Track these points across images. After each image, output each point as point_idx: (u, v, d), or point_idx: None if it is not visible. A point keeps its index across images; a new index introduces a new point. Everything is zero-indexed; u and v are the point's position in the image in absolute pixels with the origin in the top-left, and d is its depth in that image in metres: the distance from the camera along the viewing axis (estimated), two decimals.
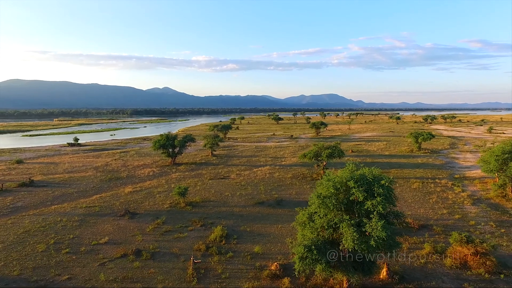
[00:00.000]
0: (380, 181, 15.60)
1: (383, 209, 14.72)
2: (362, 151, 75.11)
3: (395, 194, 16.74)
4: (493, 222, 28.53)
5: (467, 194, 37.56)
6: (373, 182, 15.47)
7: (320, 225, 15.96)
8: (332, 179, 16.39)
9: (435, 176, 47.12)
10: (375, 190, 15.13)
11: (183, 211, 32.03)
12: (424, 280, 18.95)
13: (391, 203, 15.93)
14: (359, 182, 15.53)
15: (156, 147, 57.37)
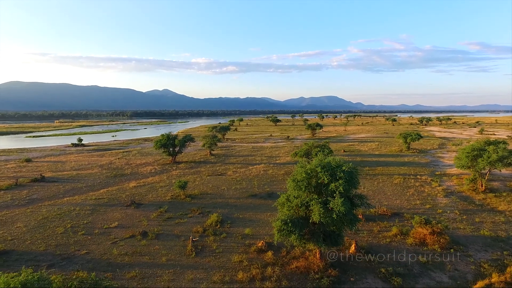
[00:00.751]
0: (342, 167, 19.27)
1: (344, 190, 18.33)
2: (353, 151, 78.79)
3: (358, 178, 20.32)
4: (458, 210, 32.20)
5: (442, 188, 41.23)
6: (336, 168, 19.16)
7: (295, 204, 19.61)
8: (304, 166, 20.11)
9: (417, 173, 50.80)
10: (337, 174, 18.78)
11: (183, 202, 35.64)
12: (386, 254, 22.57)
13: (353, 186, 19.55)
14: (325, 168, 19.19)
15: (158, 146, 61.02)
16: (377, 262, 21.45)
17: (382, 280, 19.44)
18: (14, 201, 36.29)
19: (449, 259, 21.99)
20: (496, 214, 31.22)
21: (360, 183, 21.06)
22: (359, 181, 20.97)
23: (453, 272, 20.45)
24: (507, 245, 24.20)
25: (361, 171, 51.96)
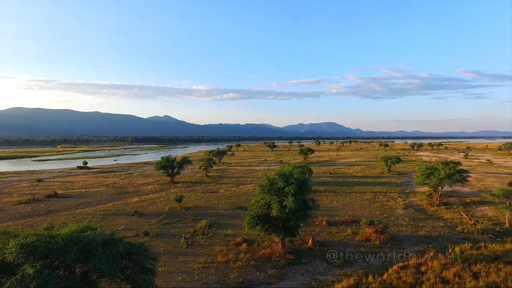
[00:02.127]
0: (294, 175, 25.99)
1: (295, 192, 24.94)
2: (339, 173, 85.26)
3: (309, 185, 26.95)
4: (408, 218, 38.51)
5: (404, 202, 47.54)
6: (289, 176, 25.88)
7: (261, 204, 26.14)
8: (267, 176, 26.83)
9: (388, 191, 57.18)
10: (290, 180, 25.47)
11: (179, 212, 41.94)
12: (333, 246, 28.81)
13: (305, 190, 26.15)
14: (281, 176, 25.91)
15: (158, 168, 67.70)
16: (327, 251, 27.66)
17: (327, 262, 25.62)
18: (35, 212, 42.61)
19: (384, 250, 28.22)
20: (439, 221, 37.55)
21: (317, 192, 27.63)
22: (311, 188, 27.60)
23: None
24: (435, 242, 30.42)
25: (339, 190, 58.49)
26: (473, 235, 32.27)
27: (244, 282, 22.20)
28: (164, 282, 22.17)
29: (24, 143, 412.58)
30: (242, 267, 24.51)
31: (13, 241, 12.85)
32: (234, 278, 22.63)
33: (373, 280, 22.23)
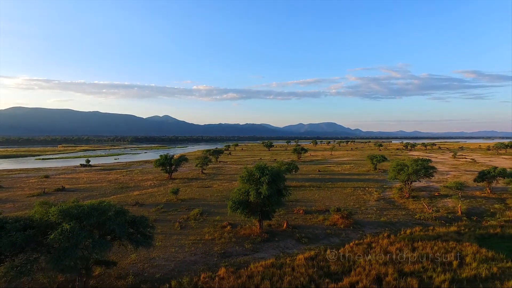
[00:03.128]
0: (268, 168, 31.28)
1: (268, 181, 30.22)
2: (327, 171, 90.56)
3: (283, 176, 32.25)
4: (376, 208, 43.86)
5: (378, 196, 52.84)
6: (264, 168, 31.17)
7: (242, 191, 31.43)
8: (246, 168, 32.13)
9: (368, 186, 62.49)
10: (265, 172, 30.77)
11: (175, 203, 47.22)
12: (304, 229, 34.11)
13: (279, 180, 31.44)
14: (258, 168, 31.22)
15: (157, 165, 72.98)
16: (298, 232, 32.95)
17: (296, 240, 30.91)
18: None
19: (346, 232, 33.53)
20: (402, 210, 42.88)
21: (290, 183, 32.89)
22: (285, 178, 32.91)
23: (345, 237, 31.92)
24: (393, 226, 35.73)
25: (323, 185, 63.79)
26: (427, 221, 37.59)
27: (225, 253, 27.50)
28: (161, 253, 27.49)
29: (25, 142, 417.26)
30: (224, 243, 29.82)
31: (54, 208, 18.18)
32: (218, 250, 27.95)
33: (329, 253, 27.51)
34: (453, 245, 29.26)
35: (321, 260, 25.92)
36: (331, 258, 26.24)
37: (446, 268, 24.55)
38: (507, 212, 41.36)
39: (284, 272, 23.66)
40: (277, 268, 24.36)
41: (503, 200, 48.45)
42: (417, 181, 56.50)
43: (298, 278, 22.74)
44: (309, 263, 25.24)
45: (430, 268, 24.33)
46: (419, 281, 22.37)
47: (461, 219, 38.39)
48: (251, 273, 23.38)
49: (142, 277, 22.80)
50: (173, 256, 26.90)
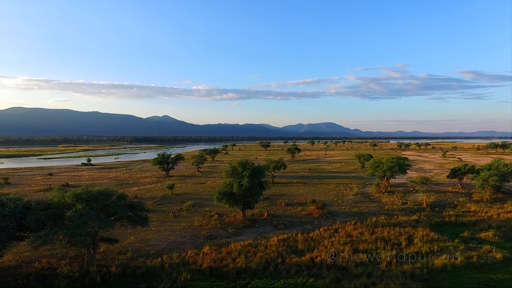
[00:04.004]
0: (249, 163, 35.93)
1: (249, 175, 34.86)
2: (317, 169, 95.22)
3: (263, 171, 36.88)
4: (352, 201, 48.52)
5: (357, 191, 57.48)
6: (246, 164, 35.81)
7: (226, 184, 36.08)
8: (231, 164, 36.78)
9: (350, 182, 67.12)
10: (247, 167, 35.41)
11: (170, 197, 51.85)
12: (282, 218, 38.78)
13: (259, 174, 36.09)
14: (240, 164, 35.87)
15: (155, 163, 77.61)
16: (276, 220, 37.60)
17: (273, 227, 35.55)
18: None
19: (319, 220, 38.20)
20: (375, 203, 47.57)
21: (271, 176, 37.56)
22: (265, 173, 37.56)
23: (317, 224, 36.57)
24: (361, 216, 40.36)
25: (310, 182, 68.44)
26: (394, 212, 42.25)
27: (211, 236, 32.17)
28: (155, 235, 32.16)
29: (25, 142, 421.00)
30: (211, 228, 34.51)
31: (69, 192, 22.86)
32: (204, 234, 32.63)
33: (301, 236, 32.16)
34: (408, 230, 33.97)
35: (291, 241, 30.61)
36: (300, 240, 30.93)
37: (395, 247, 29.24)
38: (468, 204, 46.06)
39: (258, 249, 28.34)
40: (253, 247, 29.03)
41: (470, 194, 53.12)
42: (393, 177, 61.04)
43: (269, 254, 27.42)
44: (280, 244, 29.91)
45: (381, 247, 29.04)
46: (368, 256, 27.03)
47: (425, 210, 43.04)
48: (230, 250, 28.05)
49: (139, 253, 27.46)
50: (166, 238, 31.57)
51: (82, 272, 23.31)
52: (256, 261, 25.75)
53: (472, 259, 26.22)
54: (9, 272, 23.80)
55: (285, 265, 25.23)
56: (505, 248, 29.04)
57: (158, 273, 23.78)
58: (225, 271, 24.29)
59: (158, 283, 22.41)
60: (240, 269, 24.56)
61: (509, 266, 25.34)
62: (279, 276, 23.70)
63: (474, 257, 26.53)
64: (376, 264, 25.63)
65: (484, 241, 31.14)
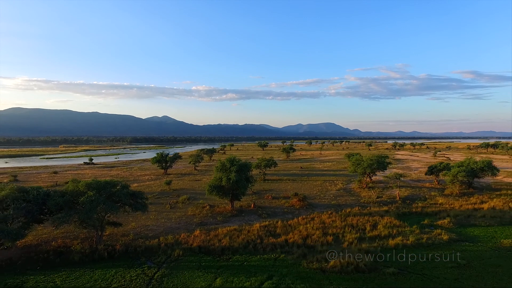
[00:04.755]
0: (236, 160, 40.66)
1: (236, 170, 39.57)
2: (309, 167, 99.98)
3: (249, 167, 41.65)
4: (333, 195, 53.26)
5: (341, 187, 62.17)
6: (233, 160, 40.54)
7: (216, 178, 40.80)
8: (220, 161, 41.55)
9: (336, 180, 71.82)
10: (234, 163, 40.14)
11: (168, 192, 56.56)
12: (267, 209, 43.52)
13: (245, 169, 40.82)
14: (229, 160, 40.59)
15: (154, 162, 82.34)
16: (261, 211, 42.32)
17: (258, 216, 40.26)
18: None
19: (299, 211, 42.92)
20: (353, 196, 52.30)
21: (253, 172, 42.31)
22: (251, 169, 42.29)
23: (297, 214, 41.24)
24: (338, 207, 45.04)
25: (299, 179, 73.18)
26: (368, 204, 46.95)
27: (202, 223, 36.90)
28: (153, 222, 36.91)
29: (25, 143, 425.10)
30: (202, 217, 39.26)
31: (82, 182, 27.62)
32: (196, 221, 37.37)
33: (280, 223, 36.85)
34: (376, 218, 38.68)
35: (271, 227, 35.33)
36: (279, 226, 35.66)
37: (359, 231, 33.95)
38: (437, 197, 50.81)
39: (241, 233, 33.05)
40: (237, 231, 33.74)
41: (443, 189, 57.83)
42: (375, 174, 65.75)
43: (250, 236, 32.14)
44: (261, 229, 34.61)
45: (348, 231, 33.76)
46: (335, 237, 31.80)
47: (397, 202, 47.74)
48: (217, 234, 32.76)
49: (139, 236, 32.18)
50: (162, 224, 36.33)
51: (92, 249, 27.97)
52: (238, 242, 30.48)
53: (422, 240, 30.95)
54: (31, 249, 28.53)
55: (262, 245, 29.91)
56: (454, 232, 33.75)
57: (156, 251, 28.49)
58: (211, 249, 29.00)
59: (155, 257, 27.12)
60: (224, 247, 29.27)
61: (451, 245, 30.06)
62: (256, 253, 28.40)
63: (424, 239, 31.27)
64: (340, 243, 30.36)
65: (440, 227, 35.83)
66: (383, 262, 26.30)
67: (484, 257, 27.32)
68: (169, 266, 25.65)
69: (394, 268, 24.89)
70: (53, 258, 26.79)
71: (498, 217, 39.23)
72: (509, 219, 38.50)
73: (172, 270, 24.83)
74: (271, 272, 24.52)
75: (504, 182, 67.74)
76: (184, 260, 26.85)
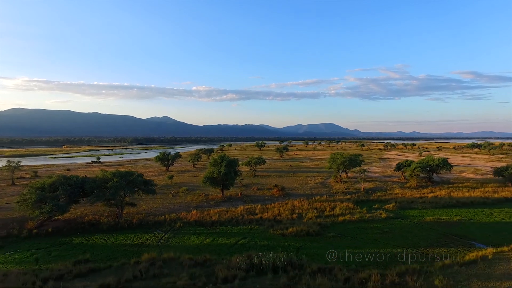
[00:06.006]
0: (226, 156, 50.51)
1: (225, 165, 49.44)
2: (298, 166, 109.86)
3: (236, 162, 51.55)
4: (310, 187, 63.10)
5: (319, 181, 71.99)
6: (223, 157, 50.39)
7: (210, 171, 50.71)
8: (213, 157, 51.46)
9: (319, 175, 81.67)
10: (224, 159, 50.02)
11: (170, 185, 66.44)
12: (251, 197, 53.41)
13: (233, 164, 50.75)
14: (219, 157, 50.55)
15: (157, 160, 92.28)
16: (246, 198, 52.19)
17: (243, 202, 50.12)
18: None
19: (277, 198, 52.80)
20: (327, 188, 62.13)
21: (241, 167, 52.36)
22: (238, 164, 52.25)
23: (275, 200, 51.04)
24: (310, 196, 54.75)
25: (285, 175, 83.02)
26: (336, 194, 56.71)
27: (198, 206, 46.81)
28: (160, 205, 46.83)
29: (28, 143, 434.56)
30: (199, 202, 49.22)
31: (109, 172, 37.45)
32: (193, 205, 47.31)
33: (260, 206, 46.65)
34: (337, 203, 48.46)
35: (252, 209, 45.16)
36: (258, 208, 45.50)
37: (320, 212, 43.76)
38: (396, 189, 60.58)
39: (228, 212, 42.93)
40: (225, 211, 43.62)
41: (405, 183, 67.62)
42: (347, 171, 75.53)
43: (234, 214, 41.99)
44: (244, 210, 44.45)
45: (310, 212, 43.56)
46: (299, 216, 41.66)
47: (360, 192, 57.57)
48: (209, 213, 42.64)
49: (149, 214, 42.06)
50: (167, 207, 46.27)
51: (115, 222, 37.82)
52: (225, 218, 40.36)
53: (365, 217, 40.79)
54: (71, 222, 38.42)
55: (243, 220, 39.78)
56: (393, 213, 43.58)
57: (162, 223, 38.35)
58: (204, 222, 38.88)
59: (162, 228, 36.98)
60: (214, 221, 39.13)
61: (386, 221, 39.84)
62: (238, 225, 38.24)
63: (366, 216, 41.12)
64: (302, 219, 40.16)
65: (385, 209, 45.52)
66: (328, 230, 36.14)
67: (404, 228, 37.16)
68: (173, 232, 35.52)
69: (334, 233, 34.76)
70: (88, 227, 36.66)
71: (435, 202, 49.09)
72: (442, 203, 48.38)
73: (175, 235, 34.70)
74: (246, 236, 34.37)
75: (465, 177, 77.52)
76: (183, 229, 36.71)
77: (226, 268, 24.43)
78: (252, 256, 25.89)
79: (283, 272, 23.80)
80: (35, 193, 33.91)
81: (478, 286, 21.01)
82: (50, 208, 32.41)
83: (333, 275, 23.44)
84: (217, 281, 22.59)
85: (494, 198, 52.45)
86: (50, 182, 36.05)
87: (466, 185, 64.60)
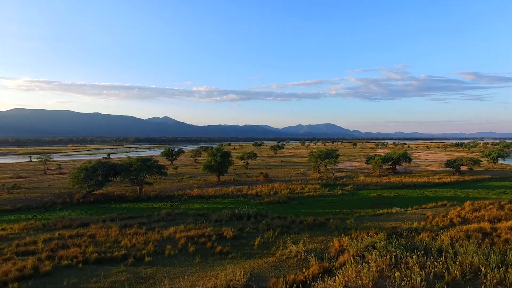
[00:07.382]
0: (220, 149, 63.93)
1: (220, 156, 62.85)
2: (288, 161, 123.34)
3: (230, 154, 65.01)
4: (291, 176, 76.44)
5: (301, 172, 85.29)
6: (218, 150, 63.88)
7: (208, 160, 64.18)
8: (211, 149, 64.89)
9: (302, 168, 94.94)
10: (219, 151, 63.48)
11: (175, 174, 79.84)
12: (243, 182, 66.86)
13: (227, 155, 64.25)
14: (216, 149, 64.00)
15: (163, 155, 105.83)
16: (237, 182, 65.61)
17: (234, 185, 63.52)
18: None
19: (262, 183, 66.15)
20: (305, 176, 75.43)
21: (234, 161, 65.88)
22: (231, 155, 65.74)
23: (260, 184, 64.34)
24: (288, 181, 68.00)
25: (273, 167, 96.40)
26: (310, 180, 69.94)
27: (199, 187, 60.29)
28: (169, 186, 60.34)
29: (34, 143, 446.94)
30: (199, 184, 62.77)
31: (134, 157, 51.01)
32: (195, 186, 60.85)
33: (247, 187, 59.95)
34: (308, 186, 61.70)
35: (240, 189, 58.50)
36: (245, 188, 58.85)
37: (292, 190, 57.05)
38: (360, 177, 73.80)
39: (222, 190, 56.33)
40: (219, 190, 57.03)
41: (371, 173, 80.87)
42: (325, 164, 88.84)
43: (226, 191, 55.41)
44: (234, 190, 57.81)
45: (285, 190, 56.83)
46: (275, 192, 55.00)
47: (330, 179, 70.82)
48: (207, 191, 56.10)
49: (162, 191, 55.54)
50: (175, 187, 59.79)
51: (137, 196, 51.22)
52: (219, 194, 53.85)
53: (324, 194, 54.18)
54: (104, 195, 51.90)
55: (233, 195, 53.24)
56: (348, 192, 56.89)
57: (172, 197, 51.80)
58: (203, 196, 52.39)
59: (172, 199, 50.40)
60: (211, 195, 52.63)
61: (340, 196, 53.14)
62: (228, 198, 51.67)
63: (325, 193, 54.50)
64: (277, 195, 53.51)
65: (343, 190, 58.70)
66: (294, 200, 49.55)
67: (350, 200, 50.43)
68: (181, 202, 49.00)
69: (297, 202, 48.18)
70: (118, 199, 50.13)
71: (386, 185, 62.38)
72: (390, 186, 61.79)
73: (182, 203, 48.15)
74: (234, 203, 47.76)
75: (427, 170, 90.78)
76: (188, 200, 50.14)
77: (217, 216, 37.93)
78: (235, 210, 39.40)
79: (253, 218, 37.21)
80: (82, 172, 47.38)
81: (373, 225, 34.34)
82: (94, 183, 45.87)
83: (284, 219, 36.87)
84: (211, 222, 36.03)
85: (435, 182, 65.88)
86: (91, 165, 49.51)
87: (422, 174, 77.99)
